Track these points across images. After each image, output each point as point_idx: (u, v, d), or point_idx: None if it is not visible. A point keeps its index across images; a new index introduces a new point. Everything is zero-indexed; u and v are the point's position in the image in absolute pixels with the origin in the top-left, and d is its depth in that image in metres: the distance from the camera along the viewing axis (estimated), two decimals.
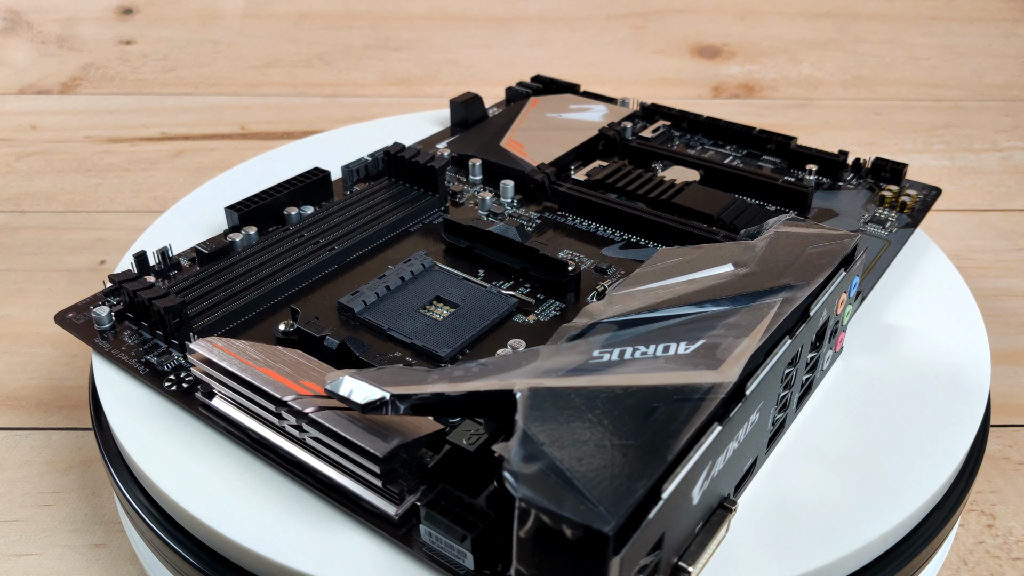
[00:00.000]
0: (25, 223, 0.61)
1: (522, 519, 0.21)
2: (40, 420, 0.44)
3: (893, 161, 0.46)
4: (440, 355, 0.33)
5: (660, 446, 0.22)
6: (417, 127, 0.54)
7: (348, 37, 0.92)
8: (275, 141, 0.73)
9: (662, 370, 0.25)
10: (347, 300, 0.35)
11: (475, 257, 0.39)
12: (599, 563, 0.21)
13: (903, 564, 0.28)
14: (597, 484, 0.21)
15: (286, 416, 0.28)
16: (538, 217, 0.43)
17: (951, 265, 0.41)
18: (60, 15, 0.93)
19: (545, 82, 0.57)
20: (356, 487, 0.27)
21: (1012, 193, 0.65)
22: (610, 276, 0.39)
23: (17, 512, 0.39)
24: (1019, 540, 0.37)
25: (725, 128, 0.50)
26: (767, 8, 0.96)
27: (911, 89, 0.83)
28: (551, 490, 0.21)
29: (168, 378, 0.32)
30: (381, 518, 0.27)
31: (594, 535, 0.20)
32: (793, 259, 0.30)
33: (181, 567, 0.29)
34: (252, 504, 0.28)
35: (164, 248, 0.38)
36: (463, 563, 0.25)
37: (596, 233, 0.42)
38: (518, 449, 0.22)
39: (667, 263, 0.31)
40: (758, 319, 0.27)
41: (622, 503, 0.21)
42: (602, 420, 0.23)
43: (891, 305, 0.38)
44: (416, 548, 0.26)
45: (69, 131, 0.75)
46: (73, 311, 0.36)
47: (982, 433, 0.33)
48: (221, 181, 0.49)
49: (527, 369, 0.25)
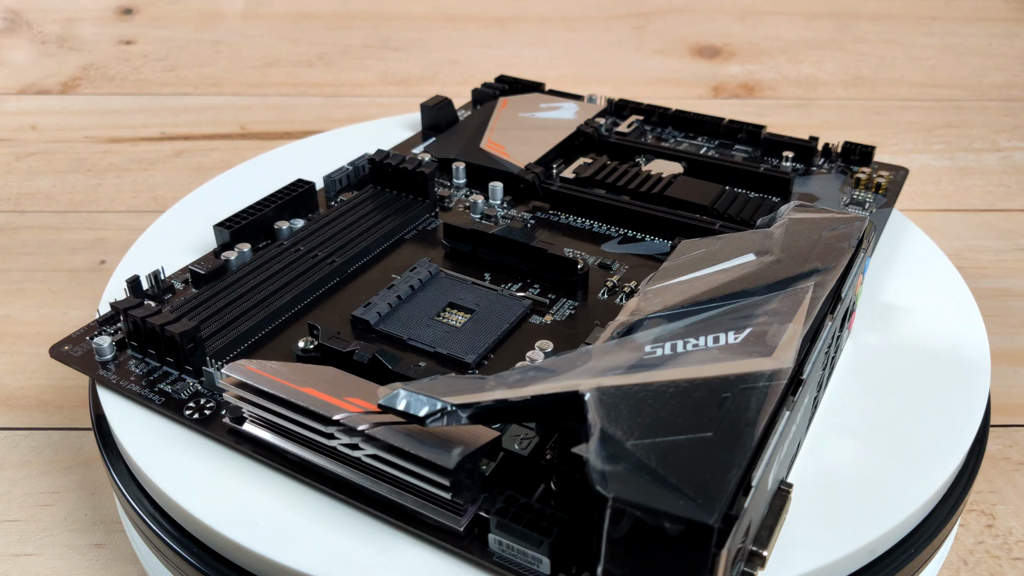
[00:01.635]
0: (25, 223, 0.61)
1: (615, 519, 0.21)
2: (40, 420, 0.44)
3: (862, 144, 0.47)
4: (467, 361, 0.32)
5: (740, 435, 0.23)
6: (388, 132, 0.53)
7: (348, 37, 0.92)
8: (275, 141, 0.73)
9: (719, 360, 0.25)
10: (361, 313, 0.35)
11: (479, 261, 0.39)
12: (701, 556, 0.21)
13: (903, 564, 0.28)
14: (689, 478, 0.21)
15: (338, 435, 0.27)
16: (531, 217, 0.43)
17: (951, 265, 0.41)
18: (60, 15, 0.93)
19: (510, 82, 0.57)
20: (415, 502, 0.26)
21: (1012, 193, 0.65)
22: (615, 271, 0.39)
23: (17, 512, 0.39)
24: (1019, 540, 0.37)
25: (695, 120, 0.52)
26: (767, 8, 0.96)
27: (911, 89, 0.83)
28: (644, 488, 0.21)
29: (187, 406, 0.31)
30: (445, 532, 0.26)
31: (698, 528, 0.20)
32: (813, 244, 0.31)
33: (181, 567, 0.29)
34: (301, 527, 0.27)
35: (156, 271, 0.37)
36: (538, 569, 0.25)
37: (592, 230, 0.42)
38: (600, 450, 0.22)
39: (692, 255, 0.32)
40: (796, 304, 0.27)
41: (720, 494, 0.21)
42: (676, 414, 0.23)
43: (891, 305, 0.38)
44: (486, 559, 0.25)
45: (69, 131, 0.75)
46: (68, 343, 0.34)
47: (982, 433, 0.33)
48: (221, 181, 0.49)
49: (585, 369, 0.25)
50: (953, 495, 0.31)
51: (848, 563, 0.27)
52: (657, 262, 0.40)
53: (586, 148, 0.50)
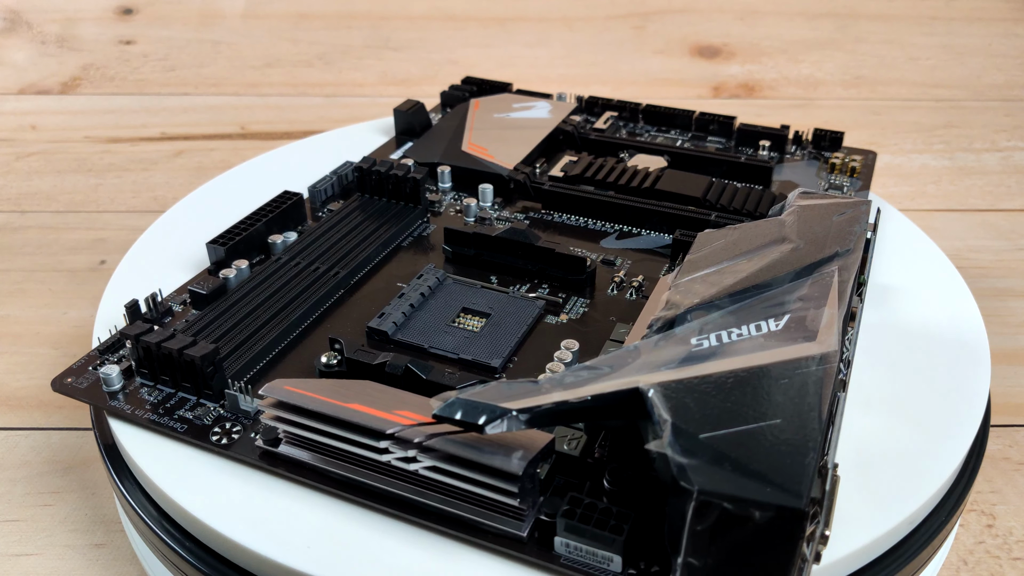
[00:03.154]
0: (25, 223, 0.61)
1: (700, 511, 0.21)
2: (40, 420, 0.44)
3: (831, 131, 0.49)
4: (493, 365, 0.32)
5: (807, 419, 0.23)
6: (362, 138, 0.52)
7: (348, 37, 0.92)
8: (275, 141, 0.73)
9: (767, 348, 0.25)
10: (377, 324, 0.34)
11: (483, 264, 0.39)
12: (790, 541, 0.21)
13: (903, 564, 0.28)
14: (770, 465, 0.22)
15: (393, 449, 0.26)
16: (524, 217, 0.43)
17: (951, 265, 0.41)
18: (60, 15, 0.93)
19: (477, 83, 0.57)
20: (472, 511, 0.26)
21: (1012, 193, 0.65)
22: (618, 267, 0.39)
23: (17, 512, 0.39)
24: (1019, 540, 0.37)
25: (667, 114, 0.53)
26: (767, 8, 0.96)
27: (911, 89, 0.83)
28: (728, 478, 0.21)
29: (213, 432, 0.30)
30: (508, 539, 0.26)
31: (787, 514, 0.21)
32: (827, 229, 0.31)
33: (182, 567, 0.29)
34: (351, 545, 0.27)
35: (154, 293, 0.36)
36: (608, 568, 0.25)
37: (587, 227, 0.43)
38: (675, 444, 0.22)
39: (714, 247, 0.32)
40: (826, 289, 0.28)
41: (803, 479, 0.21)
42: (740, 404, 0.23)
43: (890, 305, 0.38)
44: (553, 562, 0.25)
45: (69, 131, 0.75)
46: (71, 375, 0.32)
47: (982, 433, 0.33)
48: (221, 181, 0.49)
49: (638, 366, 0.25)
50: (953, 495, 0.31)
51: (848, 563, 0.27)
52: (657, 256, 0.40)
53: (566, 146, 0.50)
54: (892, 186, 0.66)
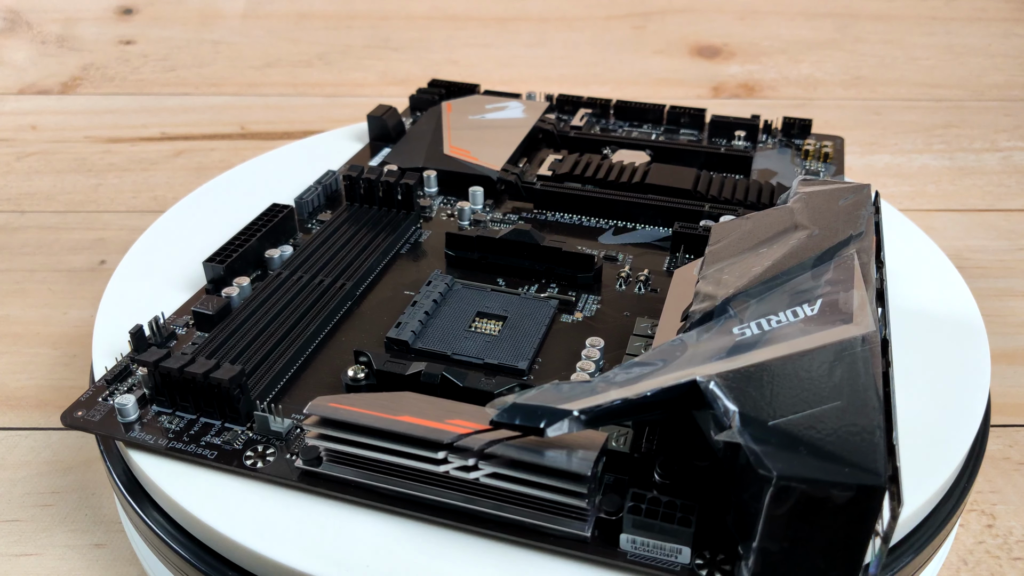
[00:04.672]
0: (25, 223, 0.61)
1: (779, 496, 0.22)
2: (40, 420, 0.44)
3: (800, 118, 0.51)
4: (521, 368, 0.32)
5: (866, 399, 0.23)
6: (336, 145, 0.52)
7: (348, 37, 0.92)
8: (275, 141, 0.73)
9: (808, 333, 0.26)
10: (395, 333, 0.34)
11: (488, 267, 0.39)
12: (865, 519, 0.22)
13: (903, 564, 0.28)
14: (843, 446, 0.22)
15: (452, 459, 0.26)
16: (518, 218, 0.43)
17: (951, 265, 0.41)
18: (60, 15, 0.93)
19: (445, 85, 0.57)
20: (532, 516, 0.26)
21: (1012, 193, 0.65)
22: (621, 262, 0.39)
23: (17, 512, 0.39)
24: (1019, 540, 0.37)
25: (639, 109, 0.54)
26: (767, 8, 0.96)
27: (911, 89, 0.83)
28: (804, 462, 0.22)
29: (246, 456, 0.29)
30: (571, 540, 0.26)
31: (867, 492, 0.21)
32: (836, 214, 0.32)
33: (182, 567, 0.29)
34: (411, 560, 0.26)
35: (156, 317, 0.34)
36: (677, 559, 0.25)
37: (582, 224, 0.43)
38: (746, 433, 0.23)
39: (732, 239, 0.32)
40: (849, 271, 0.28)
41: (877, 456, 0.22)
42: (799, 388, 0.24)
43: (890, 305, 0.38)
44: (619, 559, 0.25)
45: (69, 131, 0.75)
46: (81, 408, 0.31)
47: (982, 433, 0.33)
48: (221, 181, 0.49)
49: (688, 358, 0.26)
50: (953, 495, 0.31)
51: None
52: (656, 248, 0.41)
53: (544, 144, 0.51)
54: (892, 186, 0.66)
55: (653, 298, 0.37)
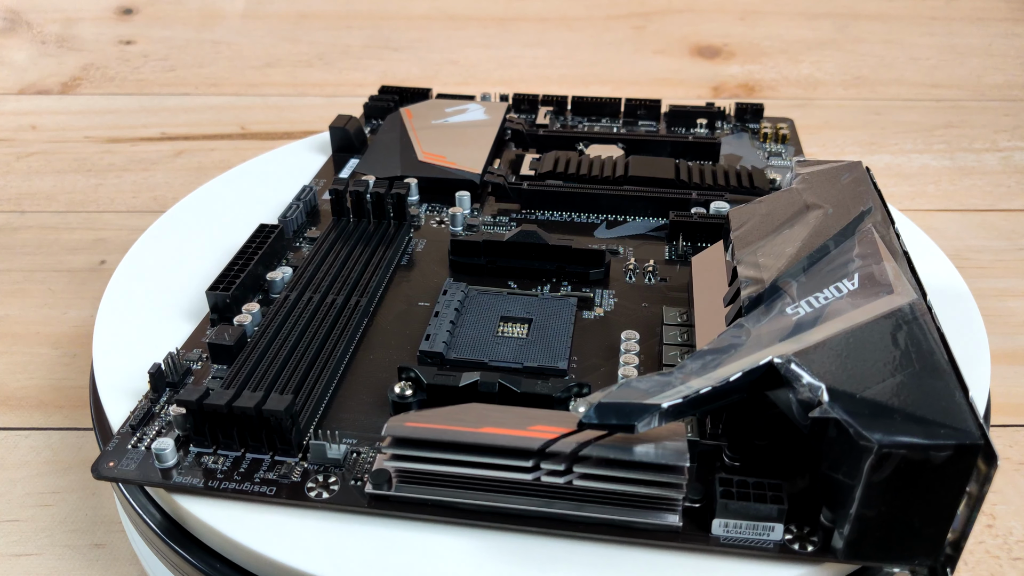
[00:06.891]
0: (25, 223, 0.61)
1: (879, 464, 0.23)
2: (40, 420, 0.44)
3: (751, 103, 0.54)
4: (561, 368, 0.32)
5: (936, 363, 0.24)
6: (298, 157, 0.51)
7: (348, 37, 0.92)
8: (275, 141, 0.73)
9: (859, 306, 0.26)
10: (428, 346, 0.33)
11: (496, 270, 0.39)
12: (961, 477, 0.23)
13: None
14: (931, 410, 0.23)
15: (544, 465, 0.25)
16: (508, 220, 0.43)
17: (951, 265, 0.41)
18: (60, 15, 0.93)
19: (397, 91, 0.57)
20: (621, 512, 0.26)
21: (1012, 193, 0.65)
22: (623, 255, 0.40)
23: (17, 512, 0.39)
24: (1019, 540, 0.37)
25: (596, 104, 0.55)
26: (767, 8, 0.96)
27: (911, 89, 0.83)
28: (901, 427, 0.23)
29: (307, 488, 0.28)
30: (664, 532, 0.26)
31: (964, 451, 0.22)
32: (842, 191, 0.32)
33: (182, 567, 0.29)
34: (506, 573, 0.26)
35: (171, 353, 0.33)
36: (769, 537, 0.25)
37: (573, 221, 0.43)
38: (837, 406, 0.23)
39: (753, 223, 0.33)
40: (873, 245, 0.29)
41: (965, 415, 0.23)
42: (873, 359, 0.25)
43: None
44: (711, 544, 0.25)
45: (69, 131, 0.75)
46: (112, 459, 0.29)
47: None
48: (221, 181, 0.49)
49: (755, 341, 0.26)
50: None
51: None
52: (653, 239, 0.41)
53: (513, 144, 0.51)
54: (892, 186, 0.66)
55: (664, 287, 0.38)
